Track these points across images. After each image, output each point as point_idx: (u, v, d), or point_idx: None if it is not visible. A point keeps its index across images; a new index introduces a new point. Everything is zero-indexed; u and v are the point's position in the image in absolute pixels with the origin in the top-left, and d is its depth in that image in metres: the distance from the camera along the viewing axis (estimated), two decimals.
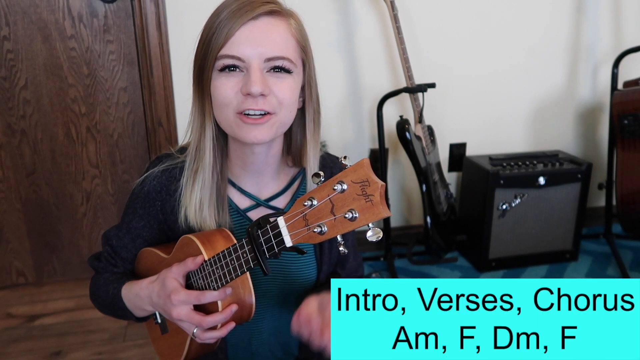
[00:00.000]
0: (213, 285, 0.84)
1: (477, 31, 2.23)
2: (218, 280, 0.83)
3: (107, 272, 1.02)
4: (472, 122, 2.35)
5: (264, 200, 0.96)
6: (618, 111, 2.07)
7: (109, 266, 1.02)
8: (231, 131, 0.85)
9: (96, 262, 1.04)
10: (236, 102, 0.82)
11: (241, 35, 0.80)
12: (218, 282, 0.83)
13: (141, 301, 0.91)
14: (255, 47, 0.80)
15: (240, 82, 0.81)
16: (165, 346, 1.00)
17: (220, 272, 0.82)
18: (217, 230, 0.89)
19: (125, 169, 2.07)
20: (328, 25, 2.06)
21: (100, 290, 1.00)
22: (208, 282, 0.85)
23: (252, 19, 0.80)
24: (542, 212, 2.18)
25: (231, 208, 0.94)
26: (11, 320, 1.90)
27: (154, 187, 0.93)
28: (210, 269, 0.84)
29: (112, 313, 1.01)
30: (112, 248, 1.00)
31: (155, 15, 1.88)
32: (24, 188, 2.00)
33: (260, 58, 0.80)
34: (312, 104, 0.90)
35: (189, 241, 0.87)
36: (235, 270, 0.80)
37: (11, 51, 1.86)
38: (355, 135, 2.24)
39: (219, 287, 0.83)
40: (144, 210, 0.95)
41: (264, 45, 0.80)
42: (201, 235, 0.88)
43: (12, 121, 1.92)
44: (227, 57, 0.81)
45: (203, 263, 0.84)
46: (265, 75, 0.81)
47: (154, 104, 1.97)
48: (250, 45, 0.80)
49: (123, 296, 0.95)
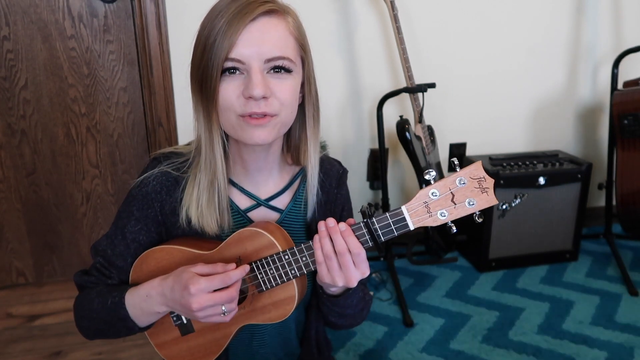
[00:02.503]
0: (277, 280, 0.87)
1: (477, 31, 2.23)
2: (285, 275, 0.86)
3: (99, 286, 0.95)
4: (472, 122, 2.35)
5: (264, 200, 0.96)
6: (618, 111, 2.07)
7: (102, 278, 0.95)
8: (234, 133, 0.84)
9: (85, 277, 0.96)
10: (238, 105, 0.81)
11: (241, 38, 0.79)
12: (284, 277, 0.86)
13: (152, 302, 0.87)
14: (255, 48, 0.79)
15: (242, 84, 0.81)
16: (184, 349, 0.96)
17: (295, 266, 0.85)
18: (268, 222, 0.91)
19: (125, 169, 2.07)
20: (328, 25, 2.06)
21: (92, 303, 0.92)
22: (273, 276, 0.87)
23: (251, 20, 0.79)
24: (542, 212, 2.18)
25: (231, 208, 0.94)
26: (11, 320, 1.90)
27: (154, 187, 0.92)
28: (280, 263, 0.86)
29: (107, 329, 0.93)
30: (104, 258, 0.94)
31: (155, 15, 1.88)
32: (24, 188, 2.00)
33: (260, 59, 0.80)
34: (311, 101, 0.90)
35: (253, 234, 0.87)
36: (307, 265, 0.85)
37: (11, 51, 1.86)
38: (355, 135, 2.24)
39: (285, 281, 0.87)
40: (140, 213, 0.93)
41: (263, 46, 0.80)
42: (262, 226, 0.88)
43: (12, 121, 1.92)
44: (227, 60, 0.80)
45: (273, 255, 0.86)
46: (265, 77, 0.81)
47: (154, 104, 1.98)
48: (249, 47, 0.79)
49: (127, 303, 0.89)
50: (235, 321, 0.91)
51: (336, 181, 1.00)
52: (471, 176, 0.78)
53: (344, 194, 1.02)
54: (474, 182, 0.78)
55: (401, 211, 0.81)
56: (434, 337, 1.80)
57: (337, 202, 1.01)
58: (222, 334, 0.93)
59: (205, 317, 0.83)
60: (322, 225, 0.82)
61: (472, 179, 0.78)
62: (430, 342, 1.77)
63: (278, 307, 0.89)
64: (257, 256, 0.87)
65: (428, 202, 0.80)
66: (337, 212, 1.01)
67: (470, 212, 0.80)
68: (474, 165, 0.79)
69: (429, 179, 0.79)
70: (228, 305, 0.83)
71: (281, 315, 0.89)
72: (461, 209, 0.79)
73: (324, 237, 0.82)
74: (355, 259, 0.82)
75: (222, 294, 0.82)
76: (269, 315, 0.90)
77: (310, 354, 1.07)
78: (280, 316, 0.89)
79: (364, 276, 0.83)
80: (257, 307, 0.90)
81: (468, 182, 0.78)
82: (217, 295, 0.81)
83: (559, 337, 1.79)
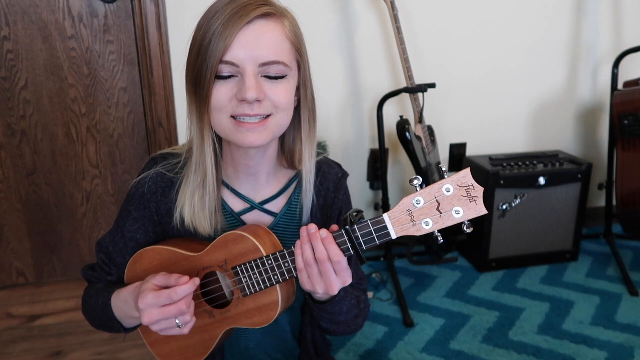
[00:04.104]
0: (260, 285, 0.86)
1: (477, 31, 2.23)
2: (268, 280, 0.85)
3: (101, 281, 0.99)
4: (472, 122, 2.35)
5: (259, 203, 0.95)
6: (618, 111, 2.07)
7: (103, 274, 0.98)
8: (226, 135, 0.84)
9: (90, 272, 1.00)
10: (231, 107, 0.81)
11: (236, 41, 0.78)
12: (267, 282, 0.85)
13: (129, 307, 0.88)
14: (249, 51, 0.79)
15: (235, 87, 0.80)
16: (174, 348, 0.97)
17: (277, 271, 0.84)
18: (257, 226, 0.90)
19: (125, 169, 2.07)
20: (328, 25, 2.06)
21: (91, 299, 0.97)
22: (256, 281, 0.86)
23: (246, 23, 0.78)
24: (542, 212, 2.18)
25: (225, 211, 0.93)
26: (11, 320, 1.90)
27: (150, 188, 0.92)
28: (264, 268, 0.85)
29: (103, 325, 0.97)
30: (106, 255, 0.97)
31: (155, 15, 1.88)
32: (24, 188, 2.00)
33: (254, 63, 0.79)
34: (307, 104, 0.90)
35: (238, 237, 0.86)
36: (290, 271, 0.84)
37: (11, 51, 1.86)
38: (355, 135, 2.24)
39: (268, 286, 0.86)
40: (138, 212, 0.94)
41: (258, 50, 0.79)
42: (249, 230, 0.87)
43: (12, 121, 1.92)
44: (221, 63, 0.79)
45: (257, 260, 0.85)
46: (259, 80, 0.80)
47: (154, 104, 1.98)
48: (244, 49, 0.79)
49: (112, 304, 0.92)
50: (220, 325, 0.91)
51: (334, 185, 0.99)
52: (458, 184, 0.74)
53: (341, 198, 1.00)
54: (462, 190, 0.74)
55: (383, 219, 0.77)
56: (434, 337, 1.80)
57: (335, 206, 0.99)
58: (209, 336, 0.93)
59: (161, 330, 0.82)
60: (303, 230, 0.81)
61: (460, 186, 0.74)
62: (430, 342, 1.77)
63: (262, 312, 0.88)
64: (242, 260, 0.86)
65: (412, 210, 0.76)
66: (335, 216, 0.99)
67: (457, 221, 0.76)
68: (462, 172, 0.74)
69: (414, 185, 0.76)
70: (181, 317, 0.81)
71: (265, 320, 0.88)
72: (447, 218, 0.75)
73: (305, 242, 0.80)
74: (335, 267, 0.79)
75: (170, 309, 0.80)
76: (252, 320, 0.89)
77: (308, 354, 1.07)
78: (263, 321, 0.88)
79: (345, 284, 0.82)
80: (242, 311, 0.89)
81: (455, 190, 0.74)
82: (165, 309, 0.80)
83: (559, 337, 1.79)
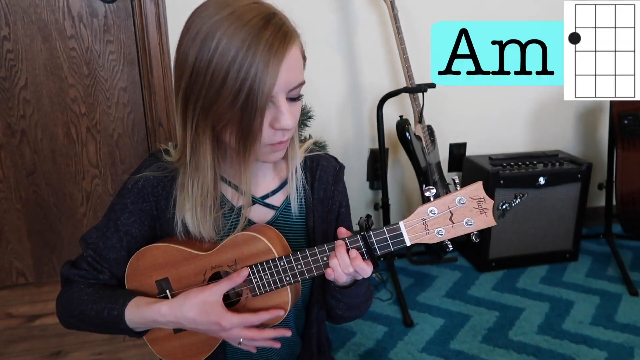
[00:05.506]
0: (271, 286, 0.87)
1: None
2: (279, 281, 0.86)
3: (89, 279, 0.94)
4: (472, 122, 2.35)
5: (260, 198, 0.95)
6: (618, 111, 2.07)
7: (92, 272, 0.93)
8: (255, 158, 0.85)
9: (74, 270, 0.94)
10: (267, 136, 0.81)
11: (279, 77, 0.76)
12: (278, 283, 0.86)
13: (160, 326, 0.91)
14: (284, 81, 0.78)
15: (268, 115, 0.79)
16: (176, 346, 0.97)
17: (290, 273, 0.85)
18: (268, 228, 0.91)
19: (125, 169, 2.07)
20: (328, 25, 2.06)
21: (85, 308, 0.91)
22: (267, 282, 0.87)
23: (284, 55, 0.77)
24: (542, 212, 2.18)
25: (225, 206, 0.93)
26: (11, 320, 1.90)
27: (150, 182, 0.92)
28: (276, 269, 0.86)
29: (97, 330, 0.95)
30: (96, 252, 0.93)
31: (155, 15, 1.88)
32: (24, 188, 2.00)
33: (285, 90, 0.79)
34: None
35: (250, 238, 0.87)
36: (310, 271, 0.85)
37: (11, 51, 1.85)
38: (355, 135, 2.24)
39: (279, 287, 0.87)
40: (135, 206, 0.92)
41: (290, 78, 0.78)
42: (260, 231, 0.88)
43: (12, 121, 1.92)
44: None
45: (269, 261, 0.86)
46: (288, 105, 0.80)
47: (154, 104, 1.98)
48: (282, 83, 0.77)
49: (128, 319, 0.89)
50: None
51: (333, 177, 1.00)
52: (471, 196, 0.79)
53: (341, 190, 1.01)
54: (474, 202, 0.79)
55: (399, 226, 0.82)
56: (434, 337, 1.80)
57: (335, 199, 1.00)
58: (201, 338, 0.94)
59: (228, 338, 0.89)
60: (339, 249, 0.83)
61: (472, 199, 0.79)
62: (430, 342, 1.77)
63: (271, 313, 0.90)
64: (253, 260, 0.87)
65: (426, 220, 0.81)
66: (335, 208, 1.01)
67: (468, 231, 0.81)
68: (474, 185, 0.79)
69: (428, 196, 0.80)
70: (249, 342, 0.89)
71: (274, 320, 0.90)
72: (459, 228, 0.81)
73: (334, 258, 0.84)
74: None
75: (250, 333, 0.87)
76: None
77: (310, 352, 1.07)
78: (273, 321, 0.90)
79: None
80: (250, 311, 0.90)
81: (467, 202, 0.79)
82: (248, 332, 0.87)
83: (559, 337, 1.79)
